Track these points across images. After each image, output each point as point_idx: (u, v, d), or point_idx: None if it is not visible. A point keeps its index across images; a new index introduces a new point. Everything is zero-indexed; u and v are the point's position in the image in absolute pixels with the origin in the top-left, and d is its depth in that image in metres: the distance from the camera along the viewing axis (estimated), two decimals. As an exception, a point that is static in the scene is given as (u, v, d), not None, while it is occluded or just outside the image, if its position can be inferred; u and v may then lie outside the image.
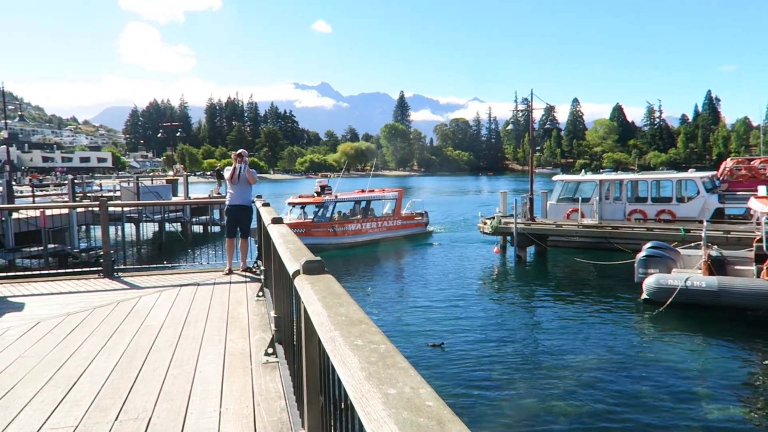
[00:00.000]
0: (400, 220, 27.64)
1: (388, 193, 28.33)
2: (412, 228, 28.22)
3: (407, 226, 27.94)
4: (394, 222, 27.22)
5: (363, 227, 25.74)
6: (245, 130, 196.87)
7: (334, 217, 24.78)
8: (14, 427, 3.31)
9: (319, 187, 25.69)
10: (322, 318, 1.59)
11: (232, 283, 7.37)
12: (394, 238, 26.62)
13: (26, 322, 5.66)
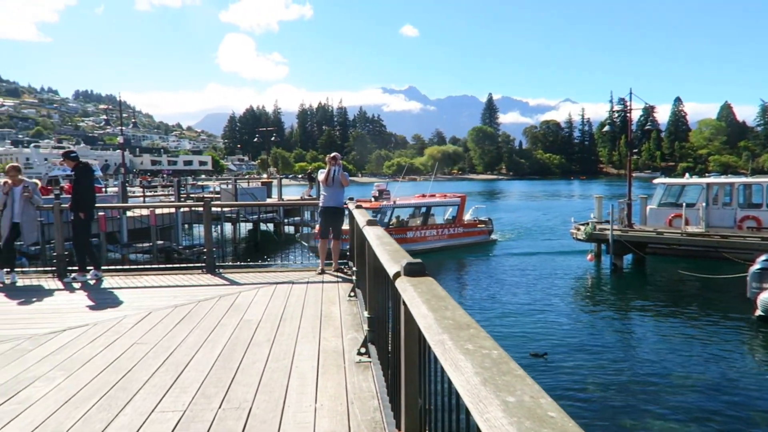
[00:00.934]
0: (462, 228, 25.82)
1: (449, 199, 26.44)
2: (475, 236, 26.37)
3: (469, 234, 26.10)
4: (455, 229, 25.44)
5: (422, 234, 24.24)
6: (335, 134, 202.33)
7: (392, 223, 23.33)
8: (130, 408, 3.58)
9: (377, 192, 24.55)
10: (429, 321, 1.58)
11: (325, 283, 7.57)
12: (455, 246, 24.97)
13: (140, 311, 6.13)
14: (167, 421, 3.38)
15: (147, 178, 75.32)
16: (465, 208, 26.51)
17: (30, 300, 6.86)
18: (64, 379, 4.08)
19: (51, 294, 7.22)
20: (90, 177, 8.24)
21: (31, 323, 5.71)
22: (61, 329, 5.44)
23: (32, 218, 8.01)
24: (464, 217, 26.52)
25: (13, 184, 7.92)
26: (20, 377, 4.14)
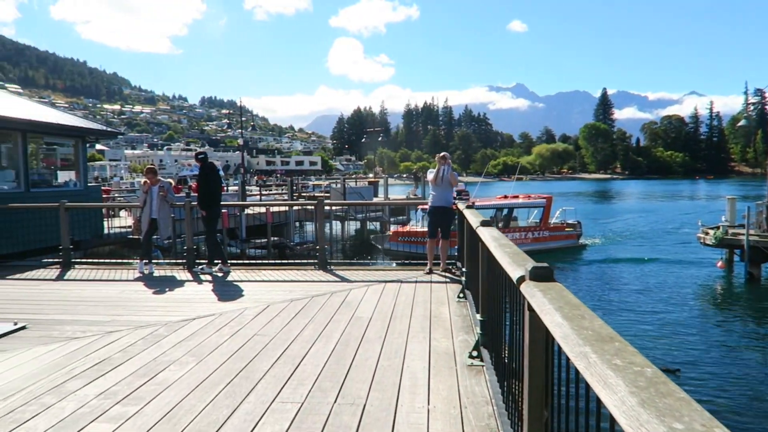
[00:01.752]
0: (548, 231, 23.89)
1: (534, 200, 24.49)
2: (562, 240, 24.29)
3: (556, 237, 24.13)
4: (540, 233, 23.50)
5: None
6: (440, 134, 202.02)
7: None
8: (254, 396, 3.77)
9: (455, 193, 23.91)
10: (565, 330, 1.48)
11: (433, 283, 7.54)
12: (540, 251, 22.70)
13: (259, 304, 6.48)
14: (287, 411, 3.52)
15: (262, 177, 79.95)
16: (551, 209, 24.58)
17: (164, 290, 7.51)
18: (194, 365, 4.41)
19: (182, 285, 7.86)
20: (216, 177, 8.88)
21: (166, 311, 6.24)
22: (192, 318, 5.89)
23: (167, 215, 8.79)
24: (550, 219, 24.63)
25: (151, 184, 8.73)
26: (158, 360, 4.54)
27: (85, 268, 9.36)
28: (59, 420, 3.44)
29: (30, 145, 11.57)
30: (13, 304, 6.65)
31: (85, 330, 5.49)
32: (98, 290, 7.54)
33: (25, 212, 10.20)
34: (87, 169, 13.79)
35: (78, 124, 13.34)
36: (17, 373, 4.31)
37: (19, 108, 11.52)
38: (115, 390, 3.91)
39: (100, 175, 55.11)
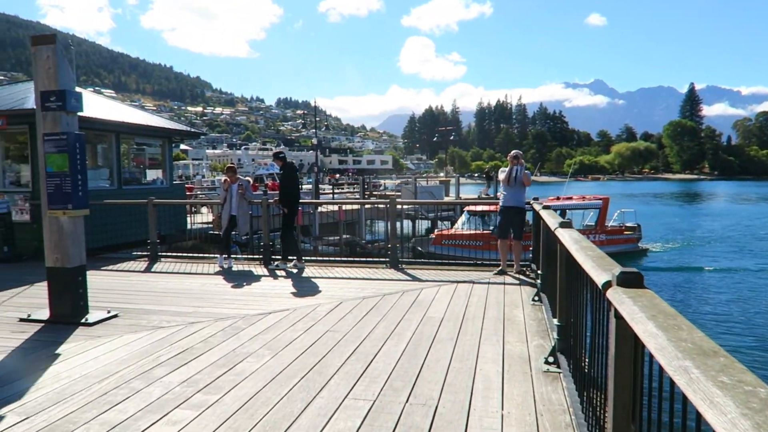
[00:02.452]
0: (605, 235, 21.84)
1: (589, 201, 22.71)
2: (620, 244, 22.16)
3: (613, 241, 21.93)
4: (596, 236, 21.21)
5: None
6: (513, 132, 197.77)
7: None
8: (326, 392, 3.82)
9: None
10: (661, 341, 1.37)
11: (506, 284, 7.37)
12: None
13: (332, 301, 6.58)
14: (359, 408, 3.54)
15: (334, 176, 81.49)
16: (608, 211, 22.71)
17: (242, 284, 7.80)
18: (270, 358, 4.53)
19: (258, 279, 8.13)
20: (295, 175, 9.16)
21: (244, 305, 6.47)
22: (267, 312, 6.07)
23: (245, 212, 9.13)
24: (607, 222, 22.82)
25: (231, 182, 9.10)
26: (237, 351, 4.70)
27: (170, 261, 9.90)
28: (147, 404, 3.64)
29: (122, 146, 12.37)
30: (107, 293, 7.12)
31: (170, 320, 5.79)
32: (182, 282, 7.94)
33: (118, 208, 10.91)
34: (173, 168, 14.58)
35: (165, 125, 14.13)
36: (110, 358, 4.61)
37: (113, 111, 12.34)
38: (197, 378, 4.08)
39: (184, 174, 58.23)
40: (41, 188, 5.80)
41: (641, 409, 1.94)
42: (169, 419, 3.40)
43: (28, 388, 3.97)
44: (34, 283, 7.77)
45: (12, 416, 3.49)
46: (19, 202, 10.53)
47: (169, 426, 3.31)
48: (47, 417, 3.47)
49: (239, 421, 3.37)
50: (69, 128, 5.64)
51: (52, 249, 5.77)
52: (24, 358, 4.65)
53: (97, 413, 3.51)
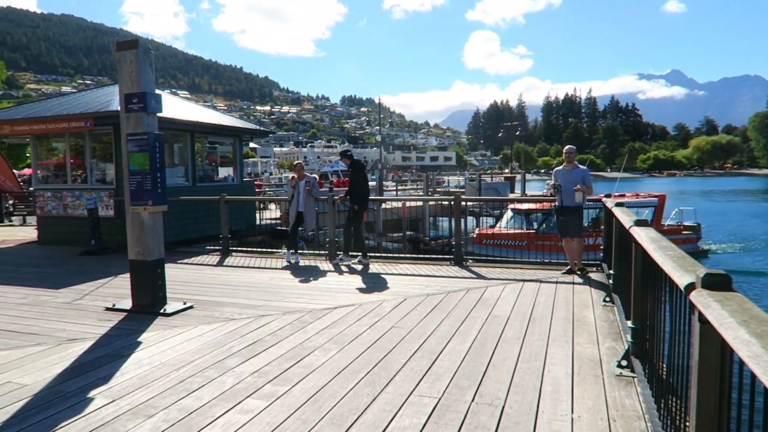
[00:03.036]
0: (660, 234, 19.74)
1: (643, 199, 20.49)
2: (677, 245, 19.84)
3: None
4: None
5: None
6: (581, 127, 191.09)
7: None
8: (392, 387, 3.85)
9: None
10: (755, 349, 1.28)
11: (575, 284, 7.14)
12: None
13: (396, 297, 6.61)
14: (424, 405, 3.54)
15: (398, 173, 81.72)
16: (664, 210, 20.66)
17: (308, 278, 7.97)
18: (336, 352, 4.61)
19: (324, 275, 8.29)
20: (363, 172, 9.28)
21: (310, 299, 6.62)
22: (333, 307, 6.18)
23: (312, 208, 9.33)
24: (664, 221, 20.76)
25: (298, 179, 9.32)
26: (304, 345, 4.82)
27: (240, 255, 10.27)
28: (221, 392, 3.79)
29: (196, 144, 12.93)
30: (183, 285, 7.48)
31: (241, 312, 6.01)
32: (251, 276, 8.22)
33: (192, 204, 11.43)
34: (243, 166, 15.10)
35: (236, 124, 14.65)
36: (186, 347, 4.84)
37: (188, 111, 12.93)
38: (267, 370, 4.22)
39: (252, 171, 60.17)
40: (125, 185, 6.16)
41: (728, 422, 1.82)
42: (241, 408, 3.53)
43: (113, 373, 4.24)
44: (118, 274, 8.29)
45: (100, 398, 3.74)
46: (104, 199, 11.25)
47: (242, 414, 3.44)
48: (131, 401, 3.69)
49: (307, 413, 3.45)
50: (149, 128, 5.96)
51: (134, 243, 6.13)
52: (110, 345, 4.97)
53: (176, 399, 3.70)
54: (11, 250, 11.72)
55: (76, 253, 10.61)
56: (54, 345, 4.98)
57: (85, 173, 12.00)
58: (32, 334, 5.35)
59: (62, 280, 7.97)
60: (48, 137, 12.54)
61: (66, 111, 11.31)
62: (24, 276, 8.41)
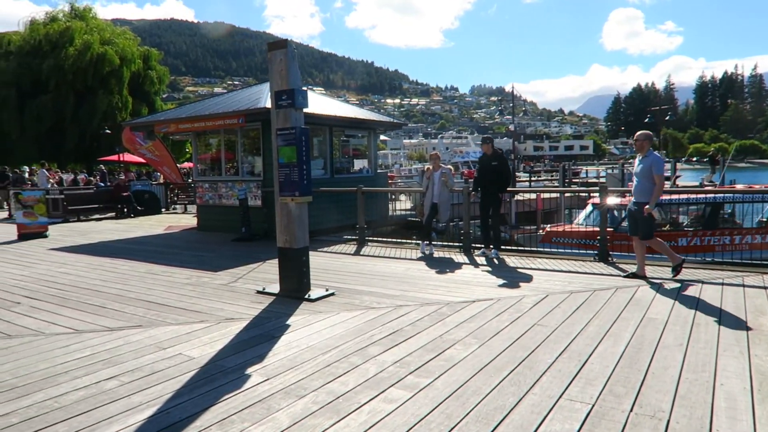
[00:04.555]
0: None
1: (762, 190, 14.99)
2: None
3: None
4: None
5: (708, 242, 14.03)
6: (744, 109, 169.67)
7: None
8: (539, 388, 3.66)
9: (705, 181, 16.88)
10: None
11: (746, 287, 6.31)
12: None
13: (537, 293, 6.33)
14: (576, 411, 3.31)
15: (530, 163, 78.87)
16: None
17: (444, 270, 7.93)
18: (478, 347, 4.50)
19: (460, 267, 8.19)
20: (505, 162, 9.02)
21: (447, 291, 6.56)
22: (471, 300, 6.07)
23: (447, 199, 9.26)
24: None
25: (434, 170, 9.30)
26: (444, 338, 4.77)
27: (376, 245, 10.52)
28: (365, 379, 3.87)
29: (333, 138, 13.47)
30: (323, 272, 7.82)
31: (380, 302, 6.12)
32: (387, 266, 8.36)
33: (330, 194, 11.92)
34: (377, 157, 15.46)
35: (371, 117, 15.03)
36: (330, 332, 5.03)
37: (326, 106, 13.49)
38: (408, 360, 4.23)
39: (383, 163, 61.71)
40: (274, 177, 6.56)
41: None
42: (385, 396, 3.57)
43: (266, 352, 4.53)
44: (266, 260, 8.90)
45: (256, 376, 4.00)
46: (253, 189, 12.15)
47: (386, 403, 3.47)
48: (283, 380, 3.90)
49: (451, 407, 3.39)
50: (297, 123, 6.27)
51: (281, 231, 6.50)
52: (262, 326, 5.32)
53: (323, 382, 3.84)
54: (176, 235, 13.14)
55: (229, 239, 11.60)
56: (215, 323, 5.45)
57: (236, 166, 13.06)
58: (196, 311, 5.91)
59: (219, 264, 8.75)
60: (205, 134, 13.81)
61: (220, 109, 12.37)
62: (187, 259, 9.36)
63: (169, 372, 4.12)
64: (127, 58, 39.61)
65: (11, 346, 4.87)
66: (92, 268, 8.71)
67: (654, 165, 6.61)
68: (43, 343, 4.94)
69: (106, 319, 5.68)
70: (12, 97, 36.06)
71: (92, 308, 6.16)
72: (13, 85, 36.17)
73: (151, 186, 22.52)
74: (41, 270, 8.70)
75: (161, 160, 21.54)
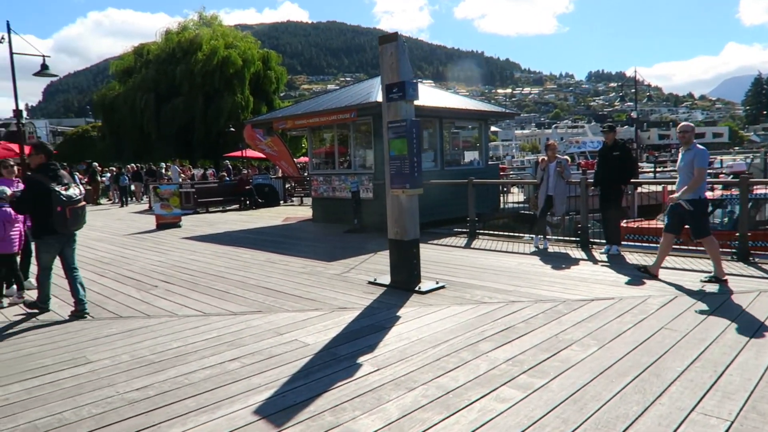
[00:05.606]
0: None
1: None
2: None
3: None
4: None
5: None
6: None
7: None
8: (667, 398, 3.35)
9: None
10: None
11: None
12: None
13: (664, 293, 5.83)
14: (711, 427, 2.99)
15: (653, 153, 73.15)
16: None
17: (559, 266, 7.57)
18: (597, 349, 4.23)
19: (576, 263, 7.77)
20: (629, 152, 8.41)
21: (563, 288, 6.25)
22: (589, 299, 5.73)
23: (563, 191, 8.82)
24: None
25: (549, 161, 8.89)
26: (559, 337, 4.54)
27: (486, 238, 10.31)
28: (475, 376, 3.79)
29: (443, 130, 13.37)
30: (433, 265, 7.80)
31: (491, 296, 5.98)
32: (499, 260, 8.15)
33: (440, 187, 11.84)
34: (488, 149, 15.13)
35: (481, 108, 14.72)
36: (440, 326, 4.99)
37: (436, 98, 13.41)
38: (521, 359, 4.08)
39: (494, 154, 60.42)
40: (385, 170, 6.63)
41: None
42: (497, 395, 3.47)
43: (377, 343, 4.59)
44: (377, 251, 9.06)
45: (367, 365, 4.07)
46: (365, 182, 12.42)
47: (498, 402, 3.37)
48: (393, 372, 3.93)
49: (568, 412, 3.21)
50: (407, 115, 6.28)
51: (392, 223, 6.57)
52: (373, 316, 5.41)
53: (433, 376, 3.82)
54: (293, 226, 13.80)
55: (342, 231, 11.97)
56: (329, 311, 5.63)
57: (349, 160, 13.42)
58: (311, 299, 6.15)
59: (332, 254, 9.05)
60: (320, 129, 14.32)
61: (333, 105, 12.75)
62: (303, 249, 9.79)
63: (286, 357, 4.32)
64: (248, 60, 42.21)
65: (150, 325, 5.39)
66: (218, 256, 9.40)
67: (697, 158, 6.18)
68: (176, 324, 5.41)
69: (230, 304, 6.09)
70: (151, 101, 39.96)
71: (218, 293, 6.64)
72: (152, 90, 40.07)
73: (270, 180, 23.86)
74: (175, 257, 9.54)
75: (279, 155, 22.74)
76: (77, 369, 4.22)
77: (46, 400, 3.64)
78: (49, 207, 5.31)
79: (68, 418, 3.35)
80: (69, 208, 5.39)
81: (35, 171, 5.54)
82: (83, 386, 3.86)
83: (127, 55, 44.38)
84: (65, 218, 5.38)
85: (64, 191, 5.40)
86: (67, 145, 53.07)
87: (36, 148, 5.64)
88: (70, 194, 5.43)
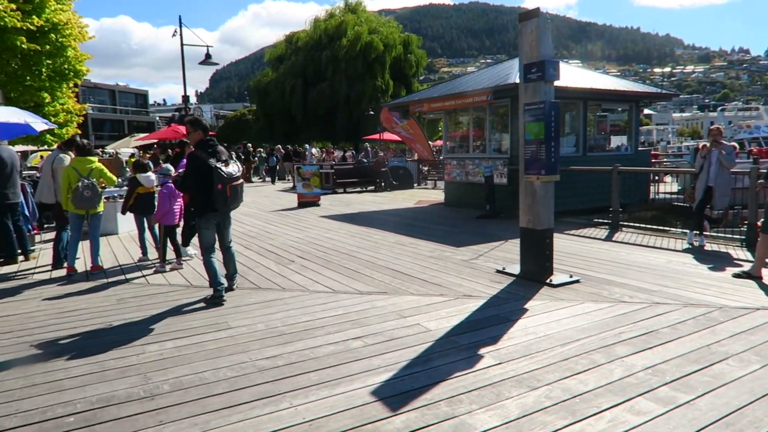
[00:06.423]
0: None
1: None
2: None
3: None
4: None
5: None
6: None
7: None
8: None
9: None
10: None
11: None
12: None
13: None
14: None
15: None
16: None
17: (717, 267, 6.69)
18: (759, 367, 3.65)
19: (739, 265, 6.80)
20: None
21: (720, 292, 5.51)
22: (753, 307, 4.98)
23: (726, 182, 7.76)
24: None
25: (711, 148, 7.85)
26: (712, 348, 3.99)
27: (631, 231, 9.46)
28: (608, 382, 3.46)
29: (588, 113, 12.45)
30: (567, 257, 7.32)
31: (632, 296, 5.45)
32: (645, 256, 7.43)
33: (580, 174, 11.08)
34: (638, 134, 13.85)
35: (633, 89, 13.46)
36: (571, 323, 4.66)
37: (581, 79, 12.50)
38: (663, 369, 3.65)
39: (647, 140, 55.39)
40: (519, 154, 6.31)
41: None
42: (631, 407, 3.13)
43: (500, 335, 4.40)
44: (508, 239, 8.74)
45: (489, 358, 3.92)
46: (499, 167, 12.03)
47: (632, 414, 3.04)
48: (515, 367, 3.73)
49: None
50: (546, 96, 5.89)
51: (525, 211, 6.25)
52: (498, 307, 5.21)
53: (559, 377, 3.56)
54: (425, 209, 13.84)
55: (473, 216, 11.74)
56: (453, 298, 5.53)
57: (484, 143, 13.08)
58: (436, 284, 6.09)
59: (461, 239, 8.90)
60: (456, 112, 14.11)
61: (469, 87, 12.45)
62: (433, 232, 9.76)
63: (407, 340, 4.31)
64: (389, 45, 43.01)
65: (284, 298, 5.70)
66: (350, 235, 9.71)
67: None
68: (307, 298, 5.67)
69: (358, 283, 6.24)
70: (298, 86, 42.48)
71: (347, 271, 6.85)
72: (300, 76, 42.57)
73: (405, 162, 24.17)
74: (312, 234, 10.04)
75: (415, 138, 22.89)
76: (219, 333, 4.60)
77: (191, 359, 4.00)
78: (209, 184, 5.27)
79: (208, 378, 3.65)
80: (229, 185, 5.34)
81: (195, 148, 5.51)
82: (223, 350, 4.19)
83: (279, 43, 47.60)
84: (225, 196, 5.34)
85: (225, 168, 5.36)
86: (226, 128, 58.57)
87: (193, 125, 5.62)
88: (230, 171, 5.39)
